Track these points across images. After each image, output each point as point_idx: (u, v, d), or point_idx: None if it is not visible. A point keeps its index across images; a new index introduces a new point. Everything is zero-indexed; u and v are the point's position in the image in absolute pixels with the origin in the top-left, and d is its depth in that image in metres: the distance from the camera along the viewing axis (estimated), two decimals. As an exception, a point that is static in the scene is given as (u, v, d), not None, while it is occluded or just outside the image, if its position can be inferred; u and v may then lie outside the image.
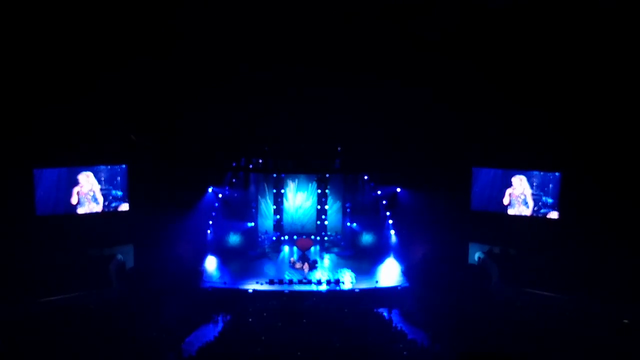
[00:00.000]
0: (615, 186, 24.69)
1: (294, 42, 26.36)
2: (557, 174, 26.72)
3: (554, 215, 26.92)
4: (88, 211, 26.75)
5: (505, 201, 27.83)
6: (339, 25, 25.77)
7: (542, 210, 27.15)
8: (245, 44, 26.19)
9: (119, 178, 27.31)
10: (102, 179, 27.00)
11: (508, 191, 27.77)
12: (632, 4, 22.48)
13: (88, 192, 26.69)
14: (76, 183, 26.40)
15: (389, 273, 27.90)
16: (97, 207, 26.92)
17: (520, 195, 27.55)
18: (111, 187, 27.24)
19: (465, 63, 26.14)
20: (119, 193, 27.37)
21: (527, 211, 27.47)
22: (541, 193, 27.14)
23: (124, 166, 27.33)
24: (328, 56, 26.73)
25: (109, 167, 27.07)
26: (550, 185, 26.88)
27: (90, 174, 26.59)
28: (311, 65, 26.92)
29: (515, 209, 27.70)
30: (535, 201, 27.27)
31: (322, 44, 26.44)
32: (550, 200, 26.95)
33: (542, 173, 27.04)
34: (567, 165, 26.41)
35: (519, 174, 27.46)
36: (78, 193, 26.46)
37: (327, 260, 29.88)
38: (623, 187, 24.50)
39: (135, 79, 25.94)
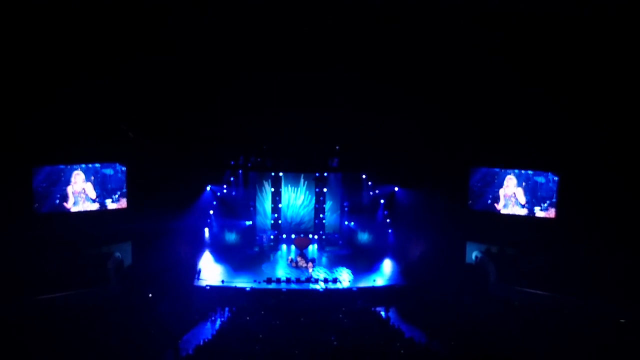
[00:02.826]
0: (612, 186, 24.80)
1: (293, 41, 26.37)
2: (555, 173, 26.80)
3: (551, 214, 27.01)
4: (82, 209, 26.76)
5: (501, 201, 27.94)
6: (338, 26, 25.77)
7: (538, 210, 27.24)
8: (244, 43, 26.20)
9: (117, 176, 27.34)
10: (101, 176, 27.02)
11: (501, 191, 27.88)
12: (628, 7, 22.55)
13: (80, 191, 26.68)
14: (69, 182, 26.44)
15: (387, 272, 27.97)
16: (91, 205, 26.94)
17: (512, 195, 27.65)
18: (109, 185, 27.26)
19: (464, 62, 26.19)
20: (117, 191, 27.40)
21: (521, 211, 27.56)
22: (538, 192, 27.22)
23: (123, 164, 27.36)
24: (327, 56, 26.75)
25: (107, 164, 27.10)
26: (548, 185, 26.96)
27: (81, 173, 26.57)
28: (310, 64, 26.96)
29: (509, 208, 27.80)
30: (531, 200, 27.36)
31: (320, 43, 26.45)
32: (547, 200, 27.03)
33: (540, 172, 27.11)
34: (564, 165, 26.50)
35: (517, 173, 27.56)
36: (73, 193, 26.50)
37: (324, 258, 29.93)
38: (620, 187, 24.59)
39: (134, 78, 25.96)
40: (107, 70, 25.08)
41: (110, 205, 27.32)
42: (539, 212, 27.25)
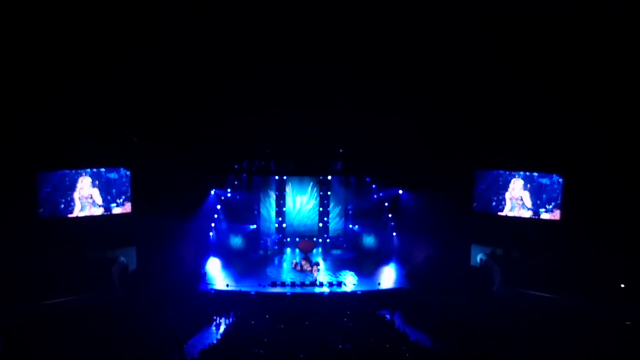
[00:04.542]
0: (617, 187, 24.70)
1: (293, 41, 26.39)
2: (559, 175, 26.71)
3: (556, 216, 26.91)
4: (88, 214, 26.84)
5: (507, 203, 27.86)
6: (338, 26, 25.80)
7: (544, 212, 27.15)
8: (247, 47, 26.26)
9: (122, 180, 27.40)
10: (105, 181, 27.09)
11: (507, 194, 27.80)
12: (628, 7, 22.51)
13: (87, 196, 26.77)
14: (76, 186, 26.52)
15: (391, 275, 27.92)
16: (97, 210, 27.02)
17: (518, 198, 27.58)
18: (114, 190, 27.32)
19: (464, 62, 26.17)
20: (122, 195, 27.46)
21: (526, 213, 27.48)
22: (543, 195, 27.13)
23: (127, 169, 27.43)
24: (327, 56, 26.77)
25: (112, 169, 27.16)
26: (553, 186, 26.87)
27: (88, 178, 26.67)
28: (313, 67, 27.00)
29: (515, 211, 27.73)
30: (536, 203, 27.26)
31: (320, 43, 26.47)
32: (552, 202, 26.95)
33: (544, 175, 27.03)
34: (569, 167, 26.41)
35: (522, 176, 27.49)
36: (80, 197, 26.59)
37: (329, 262, 29.91)
38: (624, 188, 24.50)
39: (138, 82, 26.04)
40: (107, 70, 25.13)
41: (115, 209, 27.37)
42: (544, 214, 27.15)
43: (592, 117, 24.89)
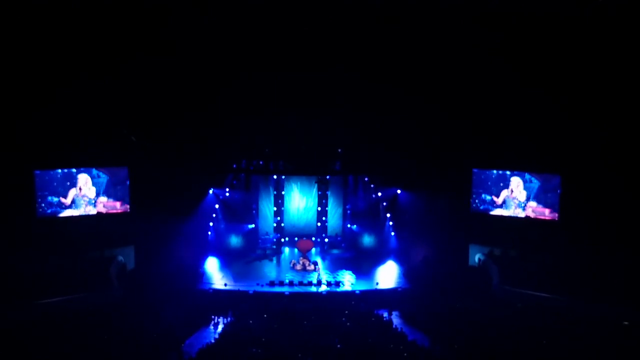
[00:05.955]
0: (615, 186, 24.72)
1: (295, 44, 26.38)
2: (557, 175, 26.72)
3: (554, 216, 26.93)
4: (84, 213, 26.80)
5: (501, 202, 27.87)
6: (338, 26, 25.77)
7: (541, 212, 27.15)
8: (246, 47, 26.21)
9: (120, 179, 27.35)
10: (103, 180, 27.05)
11: (505, 192, 27.80)
12: (628, 7, 22.49)
13: (84, 195, 26.73)
14: (74, 185, 26.48)
15: (389, 275, 27.92)
16: (94, 210, 26.98)
17: (515, 197, 27.59)
18: (112, 189, 27.27)
19: (464, 62, 26.17)
20: (120, 194, 27.38)
21: (523, 213, 27.48)
22: (541, 194, 27.15)
23: (125, 167, 27.39)
24: (328, 58, 26.76)
25: (110, 168, 27.12)
26: (551, 187, 26.89)
27: (86, 176, 26.65)
28: (311, 67, 26.97)
29: (512, 210, 27.73)
30: (534, 202, 27.28)
31: (322, 46, 26.46)
32: (550, 202, 26.95)
33: (542, 174, 27.04)
34: (567, 167, 26.42)
35: (519, 175, 27.49)
36: (75, 195, 26.54)
37: (327, 261, 29.89)
38: (623, 187, 24.51)
39: (136, 81, 25.99)
40: (106, 69, 25.07)
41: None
42: (543, 214, 27.14)
43: (592, 117, 24.87)
